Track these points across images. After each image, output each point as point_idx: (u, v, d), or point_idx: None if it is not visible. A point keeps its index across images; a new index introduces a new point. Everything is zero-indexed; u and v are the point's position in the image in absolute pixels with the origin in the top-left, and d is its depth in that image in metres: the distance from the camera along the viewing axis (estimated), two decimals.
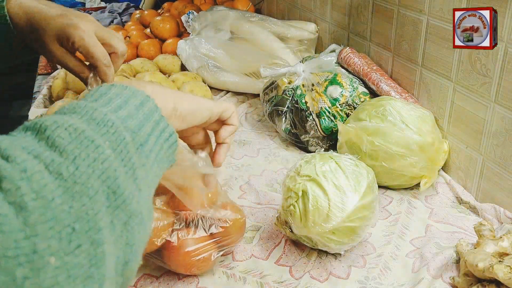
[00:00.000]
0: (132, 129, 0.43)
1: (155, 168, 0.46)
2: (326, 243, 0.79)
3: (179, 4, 2.08)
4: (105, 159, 0.38)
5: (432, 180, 1.00)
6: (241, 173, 1.10)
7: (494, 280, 0.69)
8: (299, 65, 1.24)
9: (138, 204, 0.40)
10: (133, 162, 0.41)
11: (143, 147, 0.44)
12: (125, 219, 0.38)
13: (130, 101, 0.45)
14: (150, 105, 0.47)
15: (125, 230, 0.38)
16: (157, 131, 0.46)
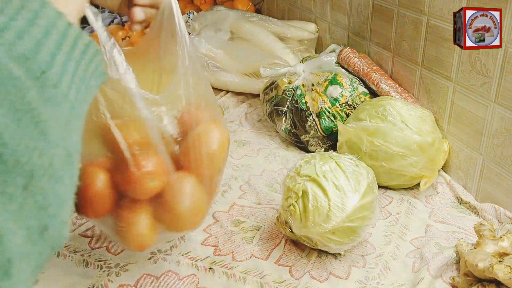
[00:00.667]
0: (24, 54, 0.33)
1: (76, 93, 0.37)
2: (326, 243, 0.79)
3: (179, 4, 2.07)
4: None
5: (432, 180, 1.00)
6: (241, 173, 1.10)
7: (494, 280, 0.69)
8: (299, 65, 1.24)
9: (41, 157, 0.33)
10: (29, 102, 0.32)
11: (45, 74, 0.34)
12: (23, 182, 0.31)
13: (21, 13, 0.34)
14: (49, 12, 0.36)
15: (29, 194, 0.32)
16: (65, 46, 0.37)
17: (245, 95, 1.53)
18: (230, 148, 1.20)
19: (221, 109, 1.32)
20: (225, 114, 1.39)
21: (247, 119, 1.38)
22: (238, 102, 1.50)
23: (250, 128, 1.33)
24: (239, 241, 0.88)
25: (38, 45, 0.34)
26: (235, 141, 1.25)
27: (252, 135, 1.29)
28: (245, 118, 1.39)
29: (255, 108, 1.44)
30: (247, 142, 1.24)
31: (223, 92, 1.55)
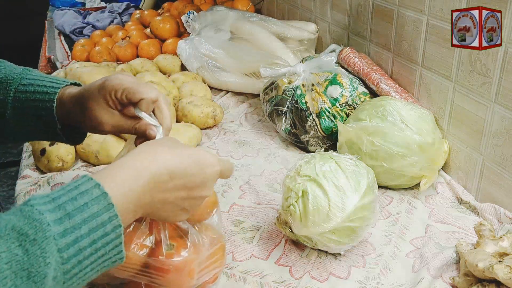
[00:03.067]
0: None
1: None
2: (326, 243, 0.79)
3: (179, 4, 2.08)
4: None
5: (432, 180, 1.00)
6: (241, 173, 1.10)
7: (494, 280, 0.69)
8: (299, 65, 1.24)
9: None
10: None
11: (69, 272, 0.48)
12: None
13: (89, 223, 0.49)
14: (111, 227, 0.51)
15: None
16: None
17: (245, 95, 1.53)
18: (230, 148, 1.21)
19: (221, 109, 1.32)
20: (225, 114, 1.39)
21: (247, 119, 1.38)
22: (238, 102, 1.50)
23: (250, 128, 1.33)
24: (239, 241, 0.88)
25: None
26: (235, 141, 1.25)
27: (252, 135, 1.29)
28: (245, 118, 1.39)
29: (255, 108, 1.44)
30: (247, 142, 1.24)
31: (223, 92, 1.55)
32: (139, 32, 1.91)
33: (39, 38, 2.31)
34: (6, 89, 0.74)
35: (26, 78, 0.75)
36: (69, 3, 2.60)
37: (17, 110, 0.74)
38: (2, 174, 2.81)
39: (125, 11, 2.35)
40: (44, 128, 0.75)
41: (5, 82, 0.75)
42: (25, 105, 0.74)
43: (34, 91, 0.74)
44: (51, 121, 0.74)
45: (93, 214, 0.49)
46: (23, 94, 0.74)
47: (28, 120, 0.74)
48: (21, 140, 0.81)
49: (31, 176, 1.05)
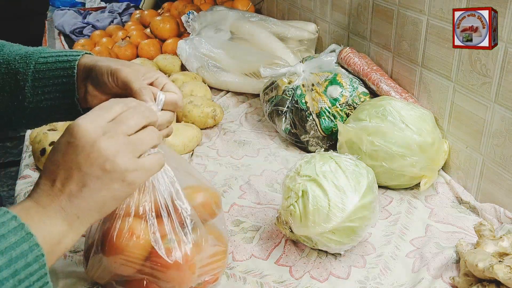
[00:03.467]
0: None
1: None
2: (326, 243, 0.79)
3: (179, 4, 2.08)
4: None
5: (432, 180, 1.00)
6: (241, 173, 1.10)
7: (494, 280, 0.69)
8: (299, 65, 1.24)
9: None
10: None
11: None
12: None
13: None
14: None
15: None
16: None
17: (245, 95, 1.53)
18: (230, 148, 1.21)
19: (221, 109, 1.32)
20: (225, 114, 1.39)
21: (247, 119, 1.38)
22: (238, 102, 1.50)
23: (250, 128, 1.33)
24: (239, 241, 0.88)
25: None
26: (235, 141, 1.25)
27: (252, 135, 1.29)
28: (245, 118, 1.39)
29: (255, 108, 1.44)
30: (247, 142, 1.24)
31: (223, 92, 1.55)
32: (139, 32, 1.91)
33: (39, 38, 2.31)
34: (26, 62, 0.74)
35: (45, 51, 0.76)
36: (69, 3, 2.60)
37: (38, 81, 0.74)
38: (2, 174, 2.81)
39: (125, 11, 2.35)
40: (64, 100, 0.74)
41: (25, 56, 0.75)
42: (46, 75, 0.74)
43: (55, 61, 0.74)
44: (71, 90, 0.73)
45: (11, 245, 0.49)
46: (43, 65, 0.74)
47: (48, 92, 0.74)
48: (39, 121, 0.80)
49: (31, 176, 1.05)
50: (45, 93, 0.74)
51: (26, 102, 0.75)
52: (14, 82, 0.74)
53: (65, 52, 0.76)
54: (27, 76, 0.74)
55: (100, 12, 2.33)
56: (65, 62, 0.73)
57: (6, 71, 0.75)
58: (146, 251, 0.67)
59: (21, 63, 0.75)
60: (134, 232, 0.66)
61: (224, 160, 1.16)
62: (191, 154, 1.20)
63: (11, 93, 0.75)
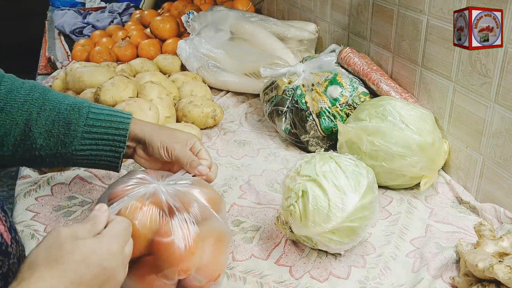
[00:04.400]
0: None
1: None
2: (326, 243, 0.79)
3: (179, 4, 2.08)
4: None
5: (432, 180, 1.00)
6: (241, 173, 1.10)
7: (494, 280, 0.69)
8: (299, 65, 1.24)
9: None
10: None
11: None
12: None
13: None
14: None
15: None
16: None
17: (245, 95, 1.53)
18: (230, 148, 1.21)
19: (220, 109, 1.32)
20: (225, 114, 1.39)
21: (247, 119, 1.38)
22: (238, 102, 1.50)
23: (250, 128, 1.33)
24: (239, 241, 0.88)
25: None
26: (235, 141, 1.25)
27: (252, 135, 1.29)
28: (245, 118, 1.39)
29: (255, 108, 1.44)
30: (247, 142, 1.24)
31: (223, 92, 1.55)
32: (139, 32, 1.91)
33: (39, 38, 2.31)
34: (79, 114, 0.79)
35: (93, 106, 0.81)
36: (69, 3, 2.60)
37: (89, 134, 0.79)
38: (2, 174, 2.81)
39: (125, 11, 2.35)
40: (110, 154, 0.81)
41: (76, 107, 0.80)
42: (99, 130, 0.80)
43: (109, 119, 0.80)
44: (120, 147, 0.81)
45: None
46: (96, 121, 0.80)
47: (97, 145, 0.80)
48: (78, 164, 0.85)
49: (31, 176, 1.05)
50: (93, 144, 0.80)
51: (71, 149, 0.79)
52: (64, 130, 0.78)
53: (116, 112, 0.82)
54: (78, 127, 0.79)
55: (100, 12, 2.33)
56: (118, 122, 0.80)
57: (57, 119, 0.78)
58: (151, 232, 0.68)
59: (72, 114, 0.79)
60: (136, 213, 0.68)
61: (224, 160, 1.16)
62: None
63: (59, 141, 0.78)
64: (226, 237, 0.74)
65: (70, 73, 1.38)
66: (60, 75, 1.46)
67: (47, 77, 1.64)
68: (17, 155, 0.78)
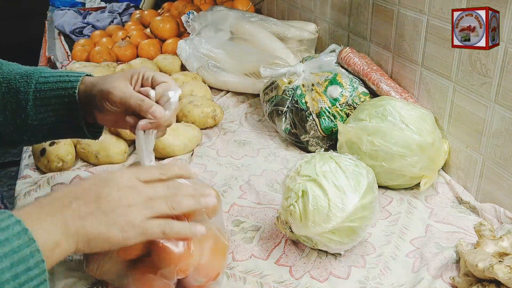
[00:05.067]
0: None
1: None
2: (326, 243, 0.79)
3: (179, 4, 2.08)
4: None
5: (432, 180, 1.00)
6: (241, 173, 1.10)
7: (494, 280, 0.69)
8: (299, 65, 1.24)
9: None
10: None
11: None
12: None
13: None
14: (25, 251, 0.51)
15: None
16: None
17: (245, 95, 1.53)
18: (230, 148, 1.21)
19: (220, 109, 1.32)
20: (225, 114, 1.39)
21: (247, 119, 1.38)
22: (238, 102, 1.50)
23: (250, 128, 1.33)
24: (239, 241, 0.88)
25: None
26: (235, 141, 1.25)
27: (252, 135, 1.29)
28: (245, 118, 1.39)
29: (255, 108, 1.44)
30: (247, 142, 1.24)
31: (223, 92, 1.55)
32: (139, 32, 1.91)
33: (39, 38, 2.31)
34: (27, 82, 0.76)
35: (45, 71, 0.77)
36: (69, 3, 2.60)
37: (39, 100, 0.76)
38: (2, 174, 2.81)
39: (125, 11, 2.35)
40: (67, 118, 0.77)
41: (25, 75, 0.77)
42: (47, 95, 0.76)
43: (56, 81, 0.76)
44: (74, 109, 0.76)
45: (14, 249, 0.50)
46: (44, 84, 0.76)
47: (50, 110, 0.76)
48: (40, 137, 0.82)
49: (31, 176, 1.05)
50: (48, 111, 0.76)
51: (30, 120, 0.76)
52: (15, 101, 0.76)
53: (66, 73, 0.78)
54: (28, 95, 0.76)
55: (100, 12, 2.33)
56: (67, 82, 0.76)
57: (7, 90, 0.76)
58: None
59: (21, 82, 0.76)
60: None
61: (224, 160, 1.16)
62: (191, 154, 1.20)
63: (13, 112, 0.76)
64: (224, 236, 0.74)
65: None
66: None
67: None
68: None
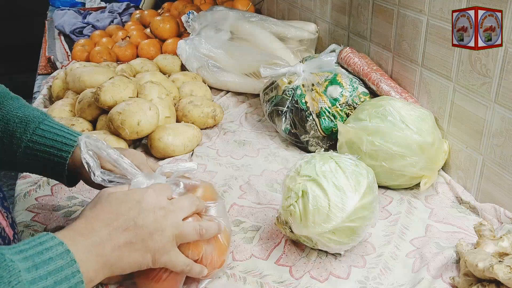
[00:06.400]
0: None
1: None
2: (326, 243, 0.79)
3: (179, 4, 2.08)
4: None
5: (432, 180, 1.00)
6: (241, 173, 1.10)
7: (494, 280, 0.69)
8: (299, 65, 1.24)
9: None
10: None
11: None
12: None
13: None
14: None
15: None
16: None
17: (245, 95, 1.53)
18: (230, 148, 1.21)
19: (220, 109, 1.32)
20: (225, 114, 1.39)
21: (247, 119, 1.38)
22: (238, 102, 1.50)
23: (250, 128, 1.33)
24: (239, 241, 0.88)
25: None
26: (235, 141, 1.25)
27: (252, 135, 1.29)
28: (245, 118, 1.39)
29: (255, 108, 1.44)
30: (247, 142, 1.24)
31: (223, 92, 1.55)
32: (139, 32, 1.91)
33: (39, 38, 2.31)
34: (24, 129, 0.78)
35: (45, 122, 0.80)
36: (69, 3, 2.60)
37: (30, 150, 0.79)
38: (2, 174, 2.81)
39: (125, 11, 2.35)
40: (51, 172, 0.81)
41: (24, 121, 0.79)
42: (39, 149, 0.79)
43: (52, 141, 0.79)
44: (60, 170, 0.80)
45: (57, 268, 0.53)
46: (40, 138, 0.79)
47: (37, 161, 0.79)
48: (25, 171, 0.89)
49: (31, 176, 1.05)
50: (36, 160, 0.79)
51: (17, 160, 0.79)
52: (8, 142, 0.78)
53: (64, 132, 0.80)
54: (21, 142, 0.78)
55: (100, 12, 2.33)
56: (62, 144, 0.79)
57: (4, 129, 0.78)
58: None
59: (19, 127, 0.78)
60: None
61: (224, 160, 1.16)
62: (191, 154, 1.20)
63: (5, 148, 0.78)
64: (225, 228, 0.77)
65: (70, 73, 1.38)
66: (60, 75, 1.46)
67: (47, 77, 1.64)
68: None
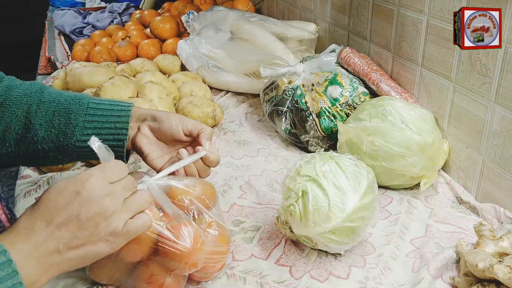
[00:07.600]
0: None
1: None
2: (326, 243, 0.79)
3: (179, 4, 2.08)
4: None
5: (432, 180, 1.00)
6: (241, 173, 1.10)
7: (494, 280, 0.69)
8: (299, 65, 1.24)
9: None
10: None
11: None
12: None
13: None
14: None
15: None
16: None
17: (245, 95, 1.53)
18: (230, 148, 1.21)
19: (221, 109, 1.32)
20: (225, 114, 1.39)
21: (247, 119, 1.38)
22: (238, 102, 1.50)
23: (250, 128, 1.33)
24: (239, 241, 0.88)
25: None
26: (235, 141, 1.25)
27: (252, 135, 1.29)
28: (245, 118, 1.39)
29: (255, 108, 1.44)
30: (247, 142, 1.24)
31: (223, 92, 1.55)
32: (139, 32, 1.91)
33: (39, 38, 2.31)
34: (79, 104, 0.79)
35: (93, 98, 0.81)
36: (69, 3, 2.60)
37: (89, 123, 0.79)
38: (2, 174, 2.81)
39: (125, 11, 2.35)
40: (111, 141, 0.80)
41: (76, 98, 0.80)
42: (99, 119, 0.79)
43: (109, 108, 0.80)
44: (122, 134, 0.80)
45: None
46: (96, 110, 0.79)
47: (98, 133, 0.78)
48: (73, 158, 0.84)
49: (31, 176, 1.05)
50: (96, 134, 0.76)
51: (73, 140, 0.78)
52: (65, 120, 0.77)
53: (117, 102, 0.82)
54: (79, 116, 0.78)
55: (100, 12, 2.33)
56: (120, 110, 0.80)
57: (57, 109, 0.78)
58: (154, 233, 0.69)
59: (73, 104, 0.78)
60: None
61: (224, 160, 1.16)
62: None
63: (60, 130, 0.78)
64: (223, 228, 0.77)
65: (70, 73, 1.38)
66: (60, 75, 1.46)
67: (47, 77, 1.64)
68: (20, 150, 0.78)
